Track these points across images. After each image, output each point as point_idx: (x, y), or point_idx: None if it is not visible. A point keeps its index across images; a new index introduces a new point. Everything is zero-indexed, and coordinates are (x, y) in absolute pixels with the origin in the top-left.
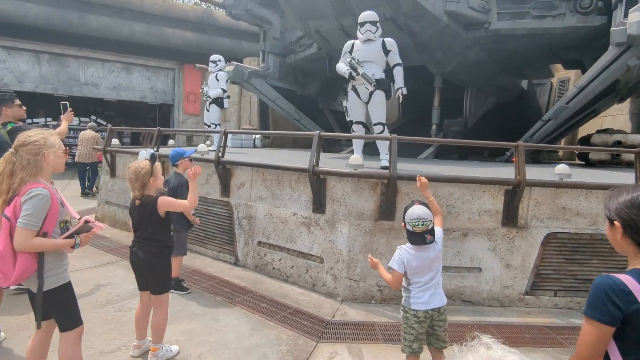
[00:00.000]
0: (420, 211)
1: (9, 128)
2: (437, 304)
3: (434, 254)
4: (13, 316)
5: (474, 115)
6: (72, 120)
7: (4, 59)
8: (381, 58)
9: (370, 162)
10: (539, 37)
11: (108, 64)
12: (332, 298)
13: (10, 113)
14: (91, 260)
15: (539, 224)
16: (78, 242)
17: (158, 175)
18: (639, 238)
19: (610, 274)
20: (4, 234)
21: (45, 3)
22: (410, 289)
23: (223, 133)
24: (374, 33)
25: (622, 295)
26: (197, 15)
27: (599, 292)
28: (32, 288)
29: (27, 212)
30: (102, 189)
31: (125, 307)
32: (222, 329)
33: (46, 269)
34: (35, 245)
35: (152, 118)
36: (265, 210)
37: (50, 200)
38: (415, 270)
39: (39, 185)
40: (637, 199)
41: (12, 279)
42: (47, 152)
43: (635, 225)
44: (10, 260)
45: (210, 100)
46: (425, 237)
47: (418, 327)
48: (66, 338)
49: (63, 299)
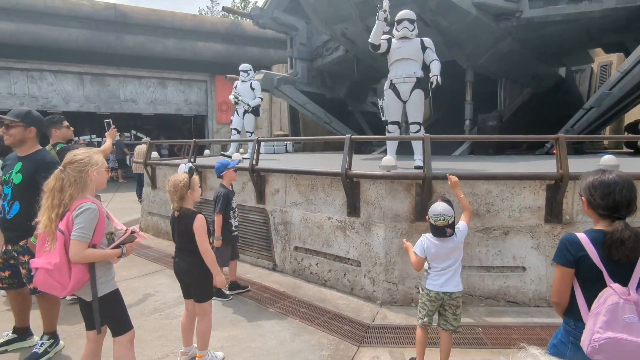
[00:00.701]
0: (441, 208)
1: (58, 148)
2: (450, 289)
3: (452, 244)
4: (70, 325)
5: (510, 107)
6: (115, 137)
7: (51, 82)
8: (419, 56)
9: (403, 162)
10: (575, 22)
11: (144, 80)
12: (371, 302)
13: (59, 134)
14: (138, 270)
15: (587, 219)
16: (124, 252)
17: (195, 188)
18: (597, 210)
19: (571, 232)
20: (59, 247)
21: (85, 27)
22: (429, 272)
23: (256, 141)
24: (411, 31)
25: (574, 245)
26: (225, 27)
27: (560, 244)
28: (84, 297)
29: (79, 226)
30: (145, 201)
31: (172, 314)
32: (264, 335)
33: (97, 277)
34: (87, 256)
35: (188, 129)
36: (300, 215)
37: (98, 214)
38: (433, 256)
39: (88, 200)
40: (594, 182)
41: (69, 288)
42: (90, 169)
43: (593, 201)
44: (66, 271)
45: (250, 109)
46: (446, 231)
47: (429, 305)
48: (119, 342)
49: (114, 305)
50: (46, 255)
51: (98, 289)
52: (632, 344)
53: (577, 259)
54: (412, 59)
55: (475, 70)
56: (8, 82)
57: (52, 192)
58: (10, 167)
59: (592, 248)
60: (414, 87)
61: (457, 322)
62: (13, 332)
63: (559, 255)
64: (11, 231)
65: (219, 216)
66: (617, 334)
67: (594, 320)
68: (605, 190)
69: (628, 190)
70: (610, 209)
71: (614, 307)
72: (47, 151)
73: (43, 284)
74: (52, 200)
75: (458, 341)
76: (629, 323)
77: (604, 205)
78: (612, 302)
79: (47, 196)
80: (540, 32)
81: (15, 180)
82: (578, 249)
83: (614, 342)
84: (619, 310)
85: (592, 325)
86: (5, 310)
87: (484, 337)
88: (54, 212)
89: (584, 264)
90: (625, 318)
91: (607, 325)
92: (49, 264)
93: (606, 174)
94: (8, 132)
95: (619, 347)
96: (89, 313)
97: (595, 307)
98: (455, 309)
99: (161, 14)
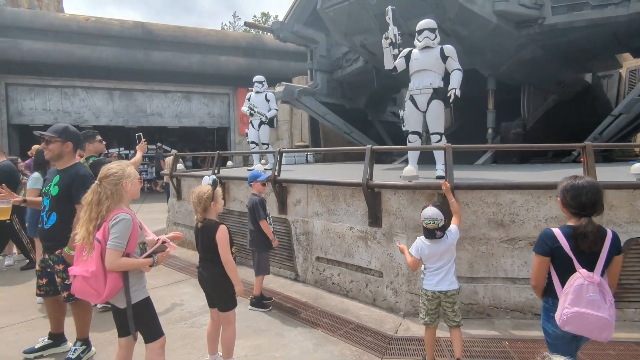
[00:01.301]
0: (431, 212)
1: (91, 161)
2: (445, 287)
3: (444, 246)
4: (101, 332)
5: (534, 115)
6: (145, 150)
7: (83, 98)
8: (439, 66)
9: (425, 172)
10: (601, 27)
11: (170, 94)
12: (393, 313)
13: (92, 148)
14: (164, 279)
15: (617, 230)
16: (156, 261)
17: (218, 200)
18: (569, 209)
19: (549, 228)
20: (95, 255)
21: (115, 45)
22: (425, 273)
23: (278, 152)
24: (433, 40)
25: (550, 238)
26: (247, 41)
27: (539, 238)
28: (117, 304)
29: (115, 235)
30: (170, 211)
31: (197, 323)
32: (287, 345)
33: (130, 285)
34: (122, 265)
35: (210, 141)
36: (321, 225)
37: (132, 224)
38: (427, 257)
39: (123, 211)
40: (567, 186)
41: (104, 295)
42: (125, 181)
43: (566, 201)
44: (102, 279)
45: (267, 120)
46: (435, 233)
47: (428, 304)
48: (151, 349)
49: (146, 312)
50: (84, 264)
51: (132, 297)
52: (593, 317)
53: (553, 249)
54: (430, 70)
55: (497, 78)
56: (44, 99)
57: (90, 205)
58: (49, 180)
59: (564, 240)
60: (431, 98)
61: (457, 317)
62: (49, 337)
63: (538, 246)
64: (48, 240)
65: (264, 222)
66: (581, 309)
67: (564, 298)
68: (575, 192)
69: (593, 193)
70: (579, 208)
71: (579, 288)
72: (82, 165)
73: (80, 290)
74: (89, 213)
75: (485, 355)
76: (591, 300)
77: (574, 205)
78: (578, 283)
79: (85, 209)
80: (565, 38)
81: (52, 192)
82: (554, 241)
83: (578, 315)
84: (583, 290)
85: (562, 302)
86: (41, 317)
87: (510, 351)
88: (92, 224)
89: (559, 253)
90: (589, 296)
91: (573, 302)
92: (86, 272)
93: (577, 180)
94: (48, 147)
95: (582, 319)
96: (122, 320)
97: (566, 288)
98: (453, 305)
99: (186, 30)
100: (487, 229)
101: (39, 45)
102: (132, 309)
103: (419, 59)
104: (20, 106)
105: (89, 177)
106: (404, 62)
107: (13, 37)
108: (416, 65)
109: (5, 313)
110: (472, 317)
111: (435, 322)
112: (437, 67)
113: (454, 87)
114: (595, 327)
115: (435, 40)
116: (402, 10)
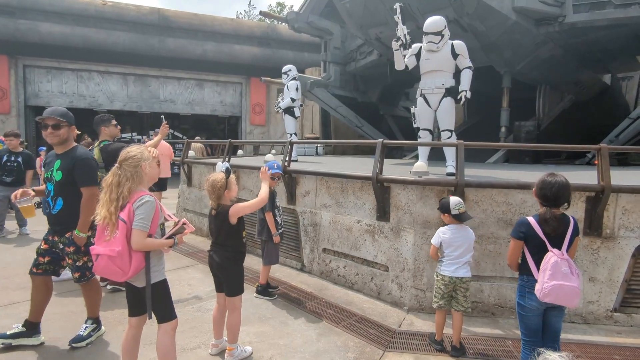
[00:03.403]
0: (457, 199)
1: (102, 145)
2: (461, 274)
3: (470, 236)
4: (111, 312)
5: (549, 115)
6: (166, 134)
7: (98, 82)
8: (450, 65)
9: (435, 168)
10: (623, 27)
11: (183, 81)
12: (397, 307)
13: (107, 132)
14: (172, 263)
15: (629, 234)
16: (176, 242)
17: (232, 187)
18: (539, 199)
19: (524, 216)
20: (120, 236)
21: (131, 30)
22: (443, 260)
23: (289, 143)
24: (437, 43)
25: (525, 225)
26: (262, 30)
27: (516, 224)
28: (136, 284)
29: (140, 217)
30: (180, 197)
31: (203, 307)
32: (291, 333)
33: (151, 265)
34: (147, 245)
35: (222, 129)
36: (329, 217)
37: (155, 206)
38: (448, 242)
39: (145, 193)
40: (540, 182)
41: (129, 274)
42: (144, 164)
43: (536, 193)
44: (127, 258)
45: (280, 110)
46: (468, 215)
47: (444, 288)
48: (164, 329)
49: (162, 292)
50: (107, 244)
51: (152, 276)
52: (568, 287)
53: (527, 234)
54: (441, 70)
55: (513, 76)
56: (60, 82)
57: (110, 187)
58: (50, 165)
59: (537, 226)
60: (443, 97)
61: (467, 303)
62: (23, 324)
63: (514, 231)
64: (57, 225)
65: (269, 214)
66: (559, 282)
67: (543, 274)
68: (542, 186)
69: (558, 189)
70: (543, 199)
71: (555, 264)
72: (82, 147)
73: (104, 269)
74: (110, 194)
75: (489, 353)
76: (565, 274)
77: (541, 196)
78: (554, 260)
79: (105, 191)
80: (585, 37)
81: (56, 178)
82: (528, 228)
83: (558, 287)
84: (558, 265)
85: (542, 278)
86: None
87: (513, 350)
88: (113, 205)
89: (532, 237)
90: (563, 270)
91: (552, 277)
92: (112, 252)
93: (549, 177)
94: (56, 133)
95: (561, 289)
96: (137, 300)
97: (543, 265)
98: (465, 292)
99: (202, 18)
100: (496, 227)
101: (57, 28)
102: (151, 288)
103: (429, 59)
104: (37, 88)
105: (90, 158)
106: (415, 60)
107: (32, 19)
108: (427, 65)
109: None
110: (477, 315)
111: (447, 305)
112: (448, 66)
113: (464, 88)
114: (570, 296)
115: (441, 42)
116: (420, 4)
